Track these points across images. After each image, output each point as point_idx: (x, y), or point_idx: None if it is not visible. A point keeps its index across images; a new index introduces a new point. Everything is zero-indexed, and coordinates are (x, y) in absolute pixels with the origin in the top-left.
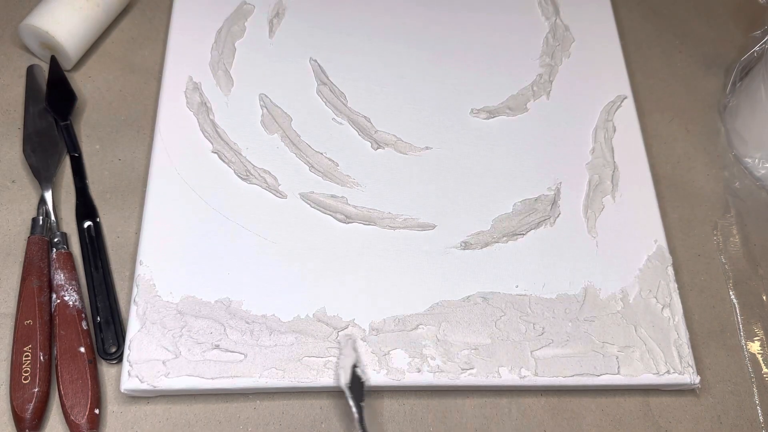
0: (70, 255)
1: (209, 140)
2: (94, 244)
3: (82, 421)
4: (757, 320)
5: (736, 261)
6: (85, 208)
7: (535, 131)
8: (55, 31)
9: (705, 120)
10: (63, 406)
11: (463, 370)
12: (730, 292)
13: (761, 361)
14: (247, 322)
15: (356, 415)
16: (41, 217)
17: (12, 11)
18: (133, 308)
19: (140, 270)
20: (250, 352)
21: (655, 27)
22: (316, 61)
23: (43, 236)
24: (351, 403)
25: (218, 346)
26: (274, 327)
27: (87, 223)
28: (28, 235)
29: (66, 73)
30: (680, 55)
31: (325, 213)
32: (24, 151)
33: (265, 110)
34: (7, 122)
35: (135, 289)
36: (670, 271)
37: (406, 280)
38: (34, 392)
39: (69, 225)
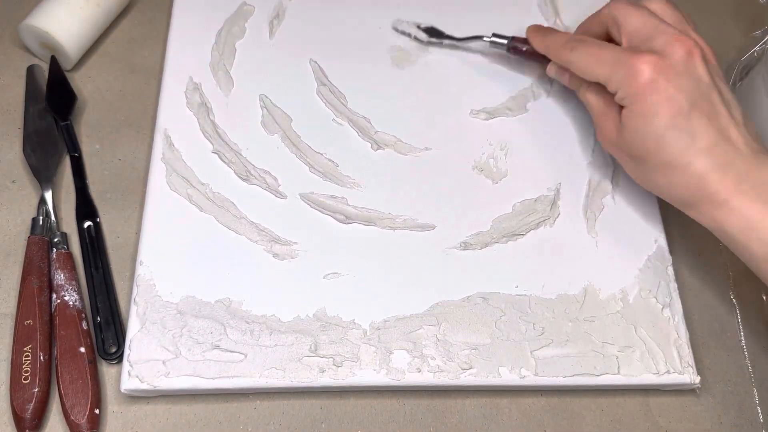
0: (70, 255)
1: (209, 140)
2: (94, 244)
3: (82, 421)
4: (758, 321)
5: (737, 261)
6: (85, 208)
7: (534, 132)
8: (55, 31)
9: None
10: (63, 406)
11: (463, 370)
12: (731, 292)
13: (762, 361)
14: (247, 322)
15: None
16: (41, 217)
17: (12, 11)
18: (133, 308)
19: (140, 270)
20: (250, 352)
21: None
22: (316, 62)
23: (43, 236)
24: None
25: (218, 346)
26: (274, 327)
27: (87, 223)
28: (28, 235)
29: (66, 73)
30: None
31: (325, 213)
32: (24, 151)
33: (265, 111)
34: (6, 122)
35: (135, 289)
36: (670, 271)
37: (406, 281)
38: (34, 392)
39: (69, 225)
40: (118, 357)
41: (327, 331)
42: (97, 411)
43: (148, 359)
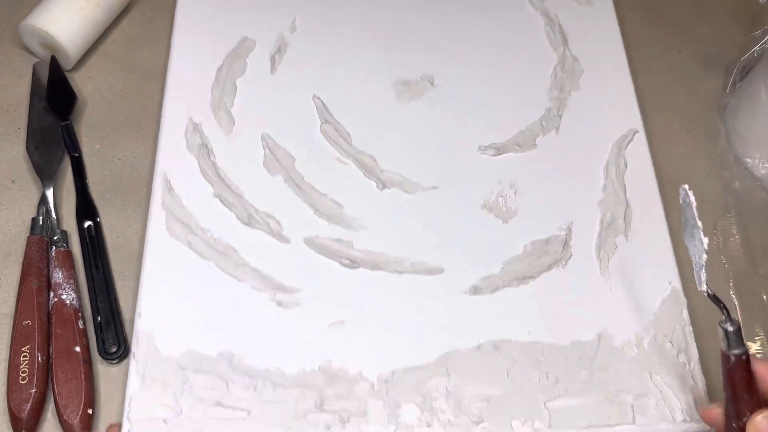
0: (69, 253)
1: (210, 183)
2: (94, 244)
3: (75, 421)
4: (758, 320)
5: (737, 261)
6: (86, 208)
7: (544, 168)
8: (56, 31)
9: (705, 120)
10: (57, 405)
11: (474, 423)
12: (731, 292)
13: None
14: (250, 377)
15: None
16: (41, 217)
17: (12, 11)
18: (133, 364)
19: (139, 323)
20: (254, 409)
21: (655, 27)
22: (319, 98)
23: (42, 236)
24: None
25: (221, 402)
26: (278, 381)
27: (87, 223)
28: (28, 235)
29: (66, 73)
30: (680, 55)
31: (331, 258)
32: (27, 148)
33: (267, 151)
34: (7, 122)
35: (134, 344)
36: (686, 314)
37: (414, 328)
38: (31, 393)
39: (69, 225)
40: (118, 357)
41: (333, 385)
42: (90, 411)
43: (150, 418)
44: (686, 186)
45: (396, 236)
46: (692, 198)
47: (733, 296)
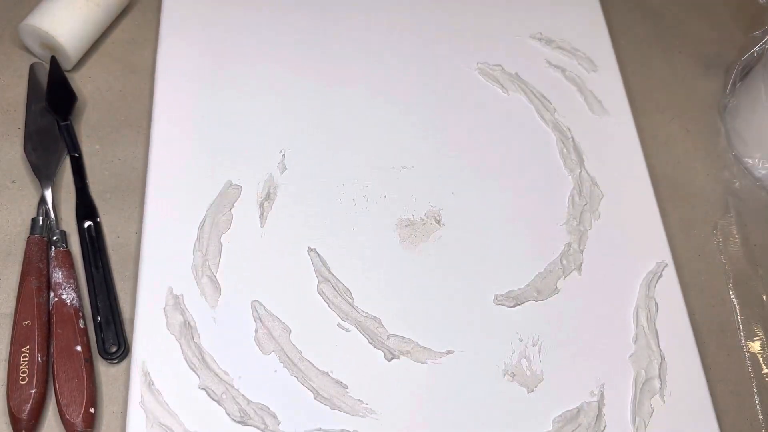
0: (68, 253)
1: (195, 371)
2: (94, 244)
3: (77, 420)
4: (757, 320)
5: (736, 261)
6: (86, 208)
7: (569, 318)
8: (55, 31)
9: (705, 120)
10: (58, 404)
11: None
12: (730, 292)
13: (761, 361)
14: None
15: None
16: (41, 218)
17: (12, 11)
18: None
19: None
20: None
21: (655, 27)
22: (315, 250)
23: (42, 237)
24: None
25: None
26: None
27: (87, 223)
28: (28, 236)
29: (66, 73)
30: (680, 56)
31: None
32: (25, 148)
33: (259, 323)
34: (7, 122)
35: None
36: None
37: None
38: (31, 393)
39: (69, 225)
40: (118, 357)
41: None
42: (92, 410)
43: None
44: None
45: (409, 419)
46: None
47: (733, 296)
